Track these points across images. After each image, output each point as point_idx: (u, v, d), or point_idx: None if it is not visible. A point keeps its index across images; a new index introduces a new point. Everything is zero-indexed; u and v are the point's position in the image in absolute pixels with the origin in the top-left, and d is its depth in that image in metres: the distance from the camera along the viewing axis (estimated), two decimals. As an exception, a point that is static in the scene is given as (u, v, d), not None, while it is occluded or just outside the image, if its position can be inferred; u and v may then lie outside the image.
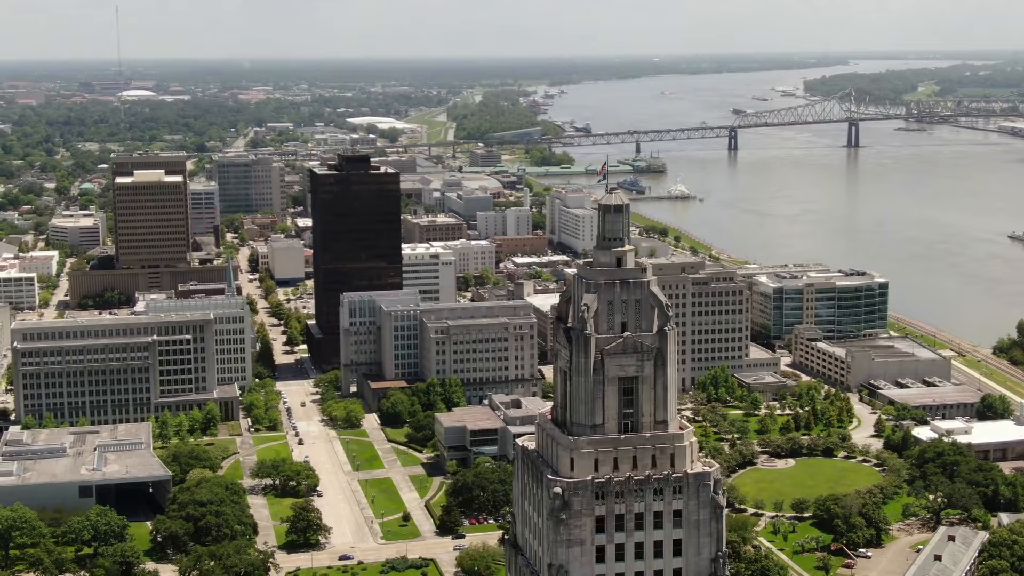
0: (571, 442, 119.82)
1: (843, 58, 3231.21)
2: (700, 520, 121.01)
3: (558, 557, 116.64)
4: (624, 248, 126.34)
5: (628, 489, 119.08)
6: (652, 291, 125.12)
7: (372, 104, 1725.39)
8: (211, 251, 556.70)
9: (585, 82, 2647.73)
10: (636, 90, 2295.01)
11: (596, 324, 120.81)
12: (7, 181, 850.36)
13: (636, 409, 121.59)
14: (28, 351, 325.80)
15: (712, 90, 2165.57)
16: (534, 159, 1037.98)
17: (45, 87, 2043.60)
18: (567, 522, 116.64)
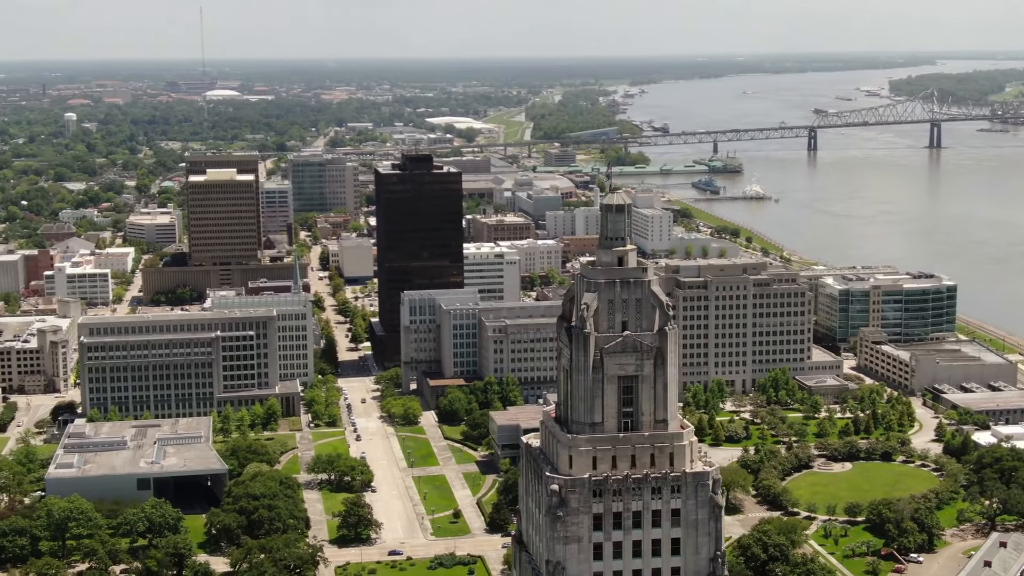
0: (570, 440, 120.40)
1: (931, 58, 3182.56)
2: (698, 519, 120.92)
3: (555, 554, 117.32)
4: (626, 248, 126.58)
5: (626, 487, 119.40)
6: (653, 291, 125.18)
7: (452, 104, 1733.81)
8: (283, 249, 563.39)
9: (666, 81, 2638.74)
10: (718, 89, 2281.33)
11: (596, 323, 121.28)
12: (89, 179, 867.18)
13: (636, 408, 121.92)
14: (94, 346, 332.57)
15: (795, 90, 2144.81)
16: (609, 159, 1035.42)
17: (132, 86, 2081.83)
18: (564, 519, 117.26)
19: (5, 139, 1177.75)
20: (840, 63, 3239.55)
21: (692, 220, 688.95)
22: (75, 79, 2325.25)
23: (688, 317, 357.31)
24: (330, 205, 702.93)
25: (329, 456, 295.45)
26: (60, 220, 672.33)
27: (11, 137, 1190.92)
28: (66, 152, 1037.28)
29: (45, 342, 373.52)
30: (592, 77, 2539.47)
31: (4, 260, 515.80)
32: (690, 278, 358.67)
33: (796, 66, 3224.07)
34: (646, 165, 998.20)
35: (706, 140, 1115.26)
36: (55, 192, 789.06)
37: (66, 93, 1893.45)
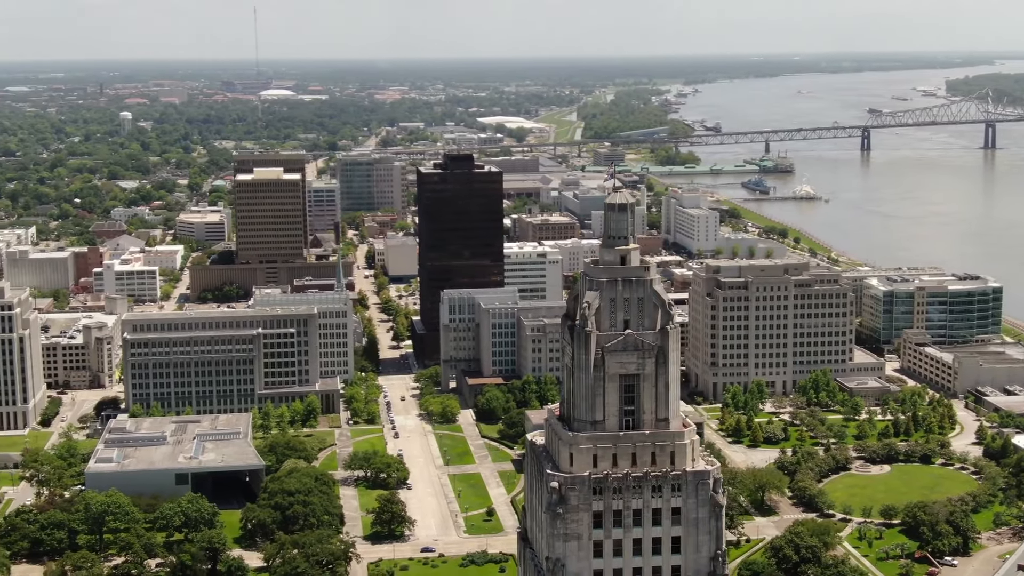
0: (571, 437, 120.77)
1: (989, 58, 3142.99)
2: (699, 518, 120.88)
3: (555, 551, 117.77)
4: (628, 247, 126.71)
5: (626, 485, 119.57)
6: (655, 290, 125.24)
7: (503, 104, 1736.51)
8: (330, 247, 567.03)
9: (721, 81, 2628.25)
10: (772, 89, 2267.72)
11: (598, 321, 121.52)
12: (142, 177, 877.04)
13: (637, 406, 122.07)
14: (137, 342, 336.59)
15: (850, 89, 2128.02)
16: (659, 158, 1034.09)
17: (189, 86, 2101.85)
18: (564, 516, 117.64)
19: (61, 137, 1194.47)
20: (897, 63, 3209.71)
21: (740, 220, 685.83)
22: (133, 78, 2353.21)
23: (728, 318, 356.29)
24: (378, 204, 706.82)
25: (366, 453, 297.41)
26: (112, 218, 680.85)
27: (67, 135, 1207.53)
28: (121, 151, 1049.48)
29: (91, 338, 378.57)
30: (646, 76, 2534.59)
31: (54, 257, 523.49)
32: (731, 278, 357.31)
33: (853, 66, 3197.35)
34: (696, 165, 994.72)
35: (758, 140, 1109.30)
36: (108, 190, 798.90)
37: (123, 92, 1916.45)
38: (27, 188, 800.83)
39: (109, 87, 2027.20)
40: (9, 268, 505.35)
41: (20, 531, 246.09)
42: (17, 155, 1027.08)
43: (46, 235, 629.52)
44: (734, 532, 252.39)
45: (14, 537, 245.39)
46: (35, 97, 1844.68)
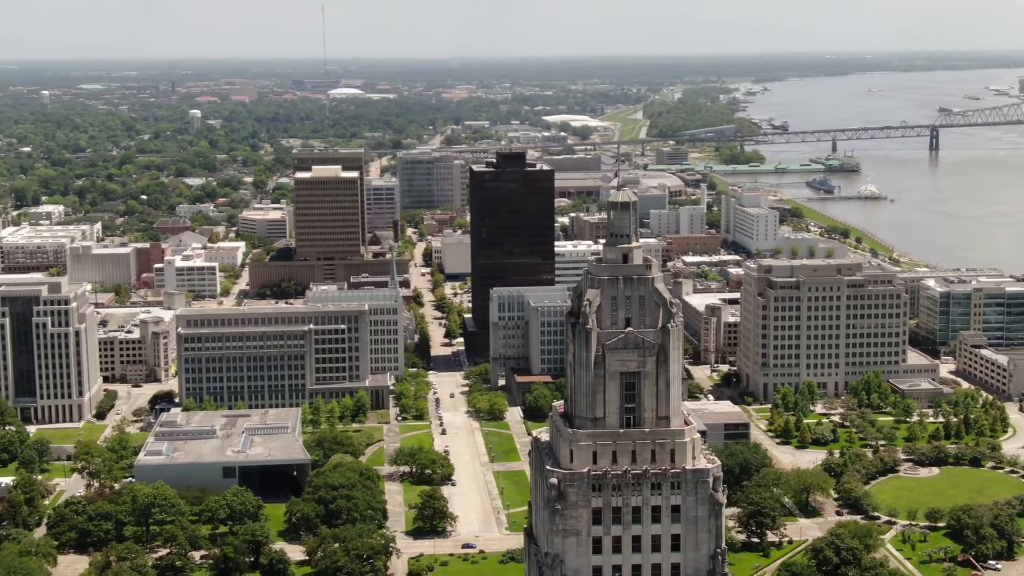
0: (571, 434, 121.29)
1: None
2: (698, 516, 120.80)
3: (554, 546, 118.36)
4: (631, 245, 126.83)
5: (625, 482, 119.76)
6: (656, 288, 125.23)
7: (570, 102, 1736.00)
8: (388, 245, 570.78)
9: (791, 79, 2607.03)
10: (843, 87, 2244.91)
11: (599, 319, 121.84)
12: (209, 175, 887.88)
13: (638, 404, 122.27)
14: (191, 337, 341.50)
15: (922, 88, 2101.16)
16: (723, 157, 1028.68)
17: (259, 84, 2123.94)
18: (563, 512, 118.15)
19: (132, 135, 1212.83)
20: (972, 61, 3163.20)
21: (802, 220, 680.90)
22: (205, 77, 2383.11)
23: (779, 318, 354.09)
24: (438, 202, 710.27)
25: (411, 449, 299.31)
26: (177, 214, 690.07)
27: (137, 133, 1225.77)
28: (189, 148, 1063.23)
29: (147, 333, 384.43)
30: (715, 74, 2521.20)
31: (117, 253, 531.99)
32: (782, 278, 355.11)
33: (926, 64, 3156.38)
34: (760, 164, 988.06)
35: (825, 139, 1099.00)
36: (174, 187, 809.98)
37: (195, 91, 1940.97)
38: (95, 185, 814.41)
39: (181, 85, 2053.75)
40: (72, 263, 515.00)
41: (68, 522, 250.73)
42: (87, 152, 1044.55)
43: (112, 231, 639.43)
44: (776, 533, 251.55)
45: (62, 528, 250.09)
46: (108, 95, 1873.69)
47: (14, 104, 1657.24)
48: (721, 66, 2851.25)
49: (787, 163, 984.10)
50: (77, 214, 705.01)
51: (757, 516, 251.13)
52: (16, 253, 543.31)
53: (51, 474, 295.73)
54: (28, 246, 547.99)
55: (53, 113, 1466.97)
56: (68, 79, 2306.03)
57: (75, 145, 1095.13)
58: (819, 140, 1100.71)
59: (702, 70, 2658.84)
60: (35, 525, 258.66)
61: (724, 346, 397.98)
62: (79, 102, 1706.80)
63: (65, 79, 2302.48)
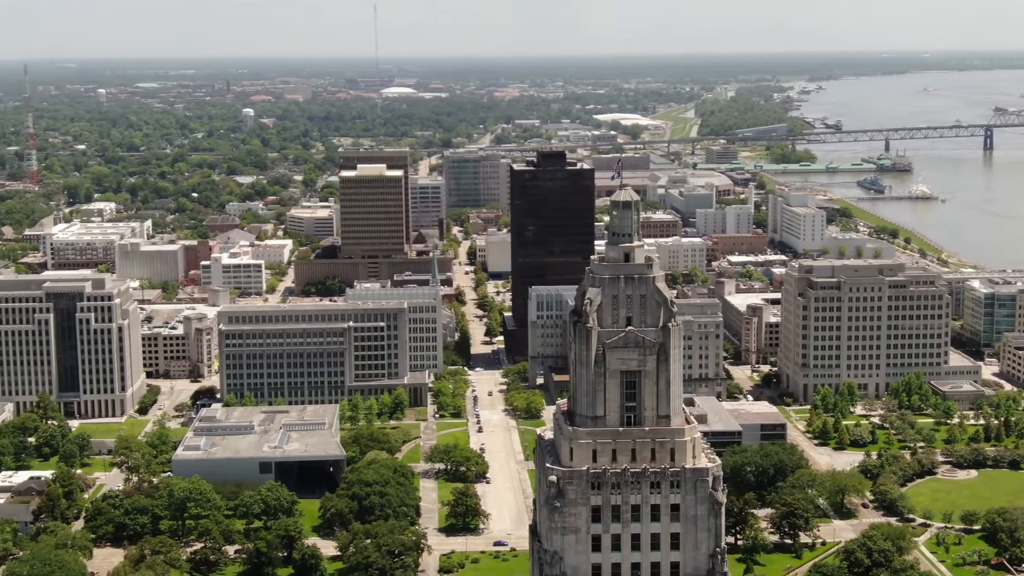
0: (571, 432, 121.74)
1: None
2: (698, 515, 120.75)
3: (553, 544, 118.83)
4: (632, 244, 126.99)
5: (624, 481, 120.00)
6: (657, 287, 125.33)
7: (621, 101, 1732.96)
8: (433, 243, 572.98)
9: (847, 78, 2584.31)
10: (898, 86, 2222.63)
11: (600, 318, 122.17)
12: (259, 173, 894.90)
13: (638, 403, 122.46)
14: (232, 333, 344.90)
15: (978, 87, 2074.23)
16: (774, 156, 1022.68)
17: (313, 83, 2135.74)
18: (562, 510, 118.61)
19: (186, 133, 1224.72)
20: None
21: (851, 220, 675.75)
22: (260, 76, 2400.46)
23: (820, 318, 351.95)
24: (484, 201, 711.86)
25: (446, 446, 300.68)
26: (226, 212, 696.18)
27: (191, 131, 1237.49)
28: (241, 147, 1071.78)
29: (191, 329, 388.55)
30: (770, 73, 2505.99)
31: (165, 250, 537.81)
32: (823, 278, 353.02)
33: (983, 63, 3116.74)
34: (812, 163, 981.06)
35: (877, 138, 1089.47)
36: (225, 185, 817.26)
37: (249, 89, 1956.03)
38: (147, 182, 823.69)
39: (236, 84, 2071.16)
40: (121, 260, 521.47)
41: (105, 515, 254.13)
42: (141, 150, 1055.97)
43: (162, 228, 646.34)
44: (809, 534, 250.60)
45: (100, 521, 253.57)
46: (164, 93, 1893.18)
47: (71, 102, 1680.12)
48: (776, 65, 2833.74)
49: (838, 163, 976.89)
50: (128, 211, 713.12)
51: (790, 517, 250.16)
52: (66, 250, 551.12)
53: (91, 468, 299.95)
54: (78, 243, 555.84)
55: (109, 111, 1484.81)
56: (126, 77, 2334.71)
57: (129, 143, 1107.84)
58: (872, 139, 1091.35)
59: (757, 69, 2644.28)
60: (73, 518, 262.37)
61: (765, 346, 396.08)
62: (135, 100, 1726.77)
63: (123, 77, 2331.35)
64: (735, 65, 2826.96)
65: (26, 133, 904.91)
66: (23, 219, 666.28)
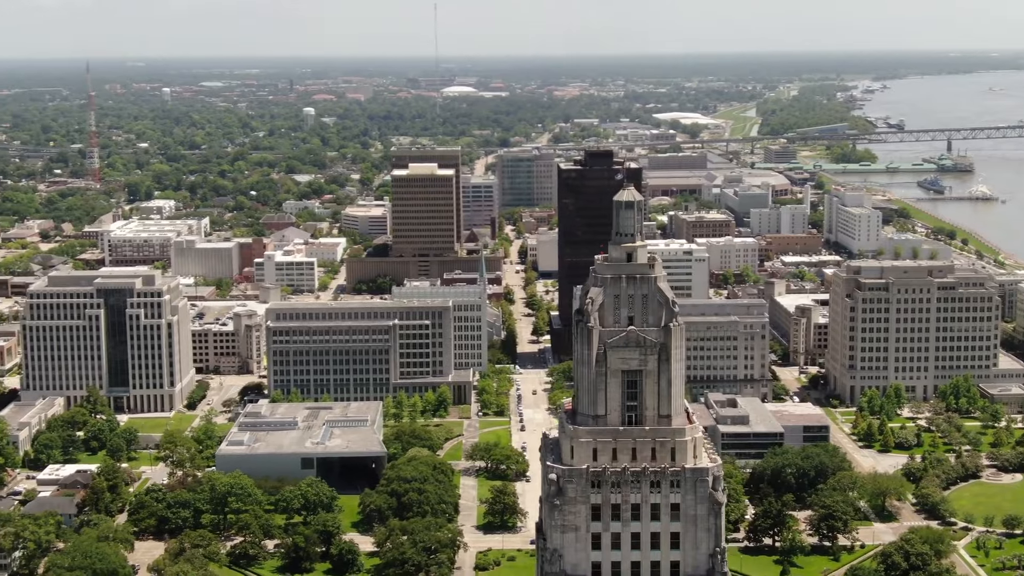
0: (572, 431, 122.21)
1: None
2: (698, 515, 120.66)
3: (553, 541, 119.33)
4: (635, 244, 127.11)
5: (624, 480, 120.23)
6: (659, 287, 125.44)
7: (682, 100, 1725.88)
8: (484, 242, 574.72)
9: (912, 77, 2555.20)
10: (964, 86, 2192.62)
11: (602, 317, 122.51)
12: (317, 171, 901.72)
13: (640, 402, 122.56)
14: (279, 330, 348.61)
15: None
16: (834, 156, 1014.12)
17: (375, 83, 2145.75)
18: (562, 508, 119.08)
19: (247, 132, 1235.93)
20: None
21: (909, 220, 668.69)
22: (323, 75, 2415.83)
23: (867, 320, 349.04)
24: (537, 200, 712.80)
25: (487, 444, 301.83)
26: (283, 210, 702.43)
27: (252, 130, 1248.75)
28: (301, 146, 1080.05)
29: (240, 326, 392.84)
30: (834, 72, 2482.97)
31: (220, 247, 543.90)
32: (871, 279, 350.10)
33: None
34: (872, 163, 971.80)
35: (939, 138, 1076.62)
36: (283, 183, 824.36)
37: (312, 89, 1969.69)
38: (207, 180, 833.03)
39: (299, 83, 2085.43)
40: (176, 257, 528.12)
41: (148, 509, 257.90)
42: (202, 148, 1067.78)
43: (219, 226, 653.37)
44: (847, 537, 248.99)
45: (142, 514, 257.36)
46: (227, 92, 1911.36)
47: (136, 101, 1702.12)
48: (841, 63, 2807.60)
49: (899, 163, 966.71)
50: (187, 209, 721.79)
51: (828, 519, 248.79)
52: (124, 247, 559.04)
53: (138, 462, 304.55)
54: (135, 240, 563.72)
55: (172, 110, 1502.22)
56: (191, 76, 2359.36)
57: (191, 142, 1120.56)
58: (933, 139, 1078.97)
59: (821, 67, 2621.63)
60: (118, 512, 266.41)
61: (814, 348, 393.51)
62: (199, 99, 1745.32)
63: (188, 76, 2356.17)
64: (799, 63, 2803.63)
65: (89, 131, 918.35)
66: (83, 216, 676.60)
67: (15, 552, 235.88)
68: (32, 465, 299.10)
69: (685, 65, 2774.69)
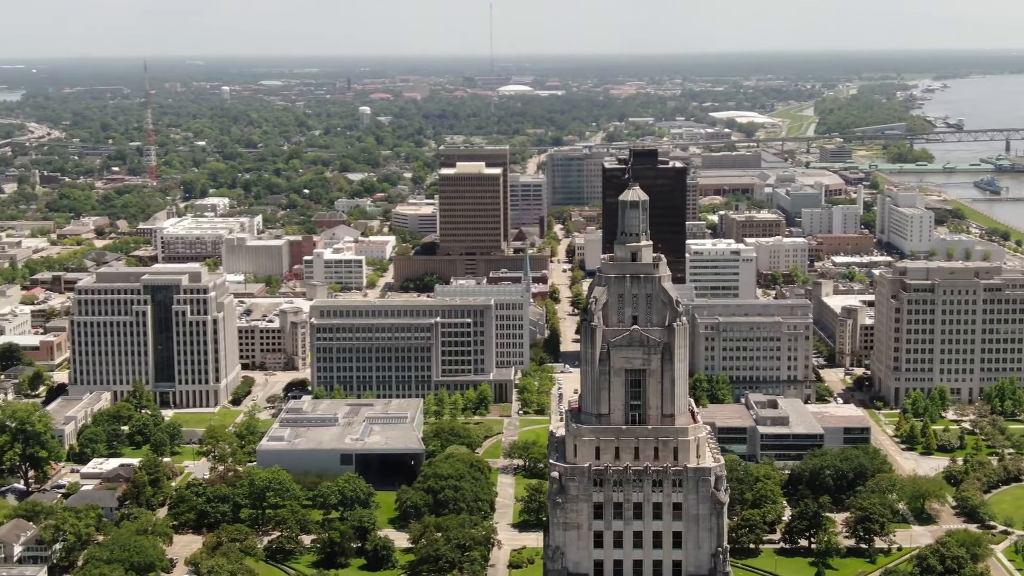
0: (575, 429, 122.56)
1: None
2: (700, 514, 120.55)
3: (555, 539, 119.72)
4: (640, 243, 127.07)
5: (626, 478, 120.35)
6: (663, 287, 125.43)
7: (739, 98, 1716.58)
8: (532, 241, 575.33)
9: (974, 76, 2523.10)
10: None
11: (606, 316, 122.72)
12: (371, 170, 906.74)
13: (643, 402, 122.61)
14: (323, 327, 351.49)
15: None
16: (891, 155, 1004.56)
17: (432, 82, 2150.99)
18: (564, 506, 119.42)
19: (303, 130, 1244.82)
20: None
21: (963, 221, 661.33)
22: (381, 74, 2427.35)
23: (913, 321, 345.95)
24: (587, 199, 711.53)
25: (525, 443, 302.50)
26: (334, 209, 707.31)
27: (309, 129, 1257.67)
28: (356, 144, 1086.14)
29: (286, 322, 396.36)
30: (895, 71, 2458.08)
31: (270, 245, 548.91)
32: (917, 280, 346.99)
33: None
34: (928, 163, 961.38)
35: (998, 138, 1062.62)
36: (336, 182, 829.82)
37: (370, 88, 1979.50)
38: (261, 179, 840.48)
39: (357, 82, 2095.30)
40: (227, 254, 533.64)
41: (188, 503, 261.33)
42: (259, 147, 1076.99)
43: (272, 223, 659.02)
44: (884, 540, 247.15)
45: (182, 508, 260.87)
46: (286, 91, 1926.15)
47: (196, 99, 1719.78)
48: (902, 62, 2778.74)
49: (956, 163, 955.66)
50: (241, 207, 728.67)
51: (865, 522, 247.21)
52: (176, 244, 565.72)
53: (181, 457, 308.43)
54: (187, 237, 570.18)
55: (231, 108, 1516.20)
56: (251, 75, 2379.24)
57: (248, 140, 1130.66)
58: (992, 139, 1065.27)
59: (882, 66, 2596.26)
60: (159, 505, 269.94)
61: (860, 349, 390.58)
62: (257, 98, 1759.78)
63: (248, 75, 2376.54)
64: (860, 62, 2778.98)
65: (146, 129, 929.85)
66: (138, 213, 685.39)
67: (55, 544, 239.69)
68: (77, 459, 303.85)
69: (744, 63, 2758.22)
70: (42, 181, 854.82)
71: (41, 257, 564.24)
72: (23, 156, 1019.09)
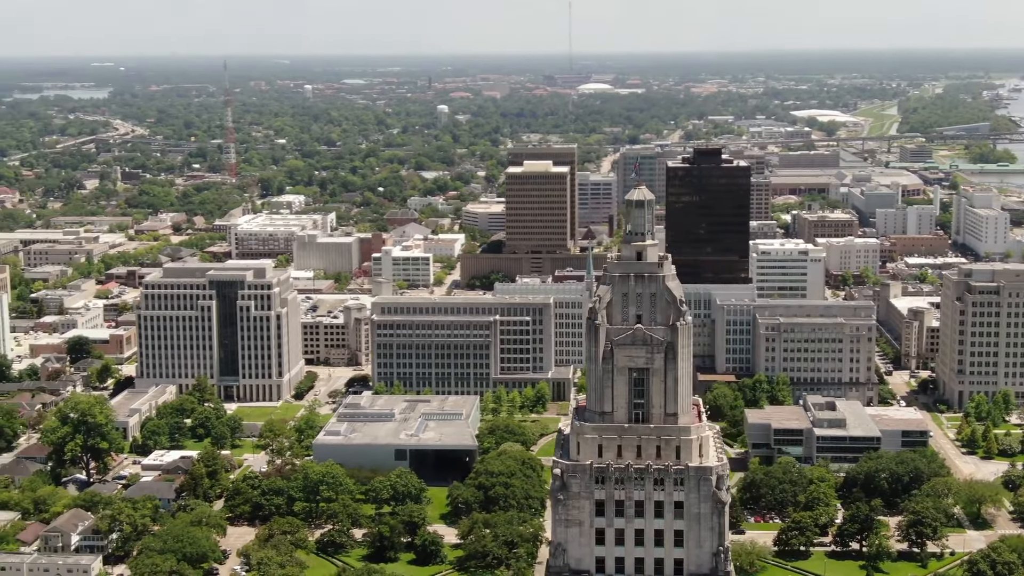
0: (578, 427, 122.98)
1: None
2: (701, 513, 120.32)
3: (557, 535, 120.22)
4: (645, 243, 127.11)
5: (628, 476, 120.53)
6: (668, 286, 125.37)
7: (822, 96, 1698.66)
8: (601, 240, 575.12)
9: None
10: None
11: (610, 315, 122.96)
12: (445, 168, 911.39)
13: (647, 400, 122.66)
14: (383, 324, 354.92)
15: None
16: (972, 156, 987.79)
17: (512, 80, 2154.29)
18: (565, 503, 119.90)
19: (382, 129, 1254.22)
20: None
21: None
22: (462, 73, 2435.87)
23: (977, 324, 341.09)
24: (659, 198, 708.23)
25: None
26: (407, 207, 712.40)
27: (388, 127, 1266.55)
28: (433, 143, 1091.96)
29: (350, 318, 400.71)
30: (982, 70, 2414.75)
31: (340, 242, 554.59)
32: (982, 282, 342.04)
33: None
34: (1011, 163, 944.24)
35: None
36: (410, 180, 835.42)
37: (450, 86, 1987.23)
38: (337, 176, 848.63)
39: (438, 81, 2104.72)
40: (298, 251, 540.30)
41: (243, 495, 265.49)
42: (338, 145, 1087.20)
43: (345, 221, 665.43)
44: (937, 544, 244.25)
45: (238, 500, 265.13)
46: (368, 90, 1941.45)
47: (278, 97, 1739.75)
48: (991, 61, 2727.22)
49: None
50: (317, 204, 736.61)
51: (918, 525, 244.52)
52: (249, 240, 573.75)
53: (241, 450, 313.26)
54: (260, 233, 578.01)
55: (312, 107, 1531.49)
56: (334, 74, 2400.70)
57: (327, 138, 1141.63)
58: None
59: (969, 65, 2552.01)
60: (216, 497, 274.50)
61: (926, 351, 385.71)
62: (339, 97, 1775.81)
63: (332, 74, 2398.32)
64: (947, 61, 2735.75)
65: (226, 127, 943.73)
66: (215, 210, 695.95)
67: (112, 534, 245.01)
68: (139, 451, 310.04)
69: (830, 61, 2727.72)
70: (124, 178, 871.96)
71: (117, 252, 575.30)
72: (106, 153, 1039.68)
